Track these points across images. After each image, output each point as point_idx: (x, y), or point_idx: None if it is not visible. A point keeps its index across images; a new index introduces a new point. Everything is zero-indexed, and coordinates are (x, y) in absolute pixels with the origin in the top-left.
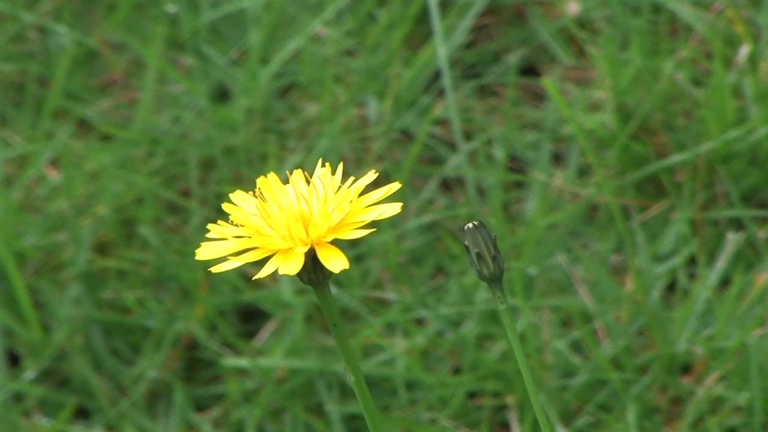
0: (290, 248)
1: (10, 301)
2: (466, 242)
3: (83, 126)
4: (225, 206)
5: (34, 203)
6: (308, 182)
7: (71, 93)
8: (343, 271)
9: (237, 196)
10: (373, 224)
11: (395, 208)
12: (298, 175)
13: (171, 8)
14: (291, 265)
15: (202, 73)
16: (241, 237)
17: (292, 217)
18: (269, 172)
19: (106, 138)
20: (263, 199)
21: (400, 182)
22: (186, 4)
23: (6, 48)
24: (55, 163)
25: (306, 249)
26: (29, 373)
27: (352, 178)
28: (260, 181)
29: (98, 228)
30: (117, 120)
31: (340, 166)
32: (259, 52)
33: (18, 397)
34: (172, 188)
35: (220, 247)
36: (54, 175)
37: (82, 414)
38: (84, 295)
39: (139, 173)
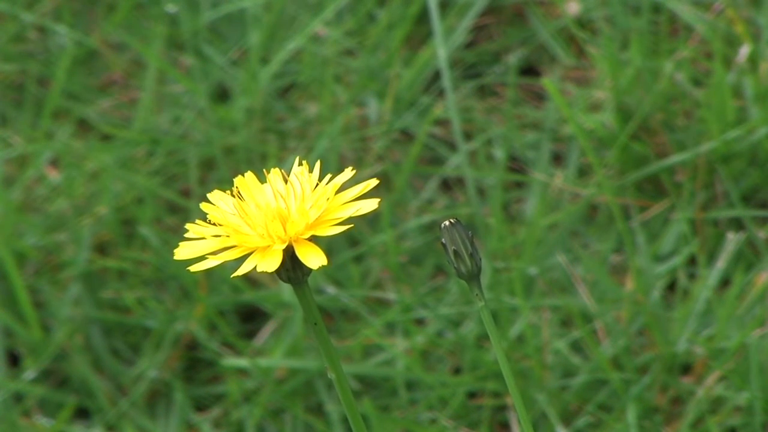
0: (268, 246)
1: (11, 301)
2: (443, 240)
3: (83, 126)
4: (203, 206)
5: (35, 203)
6: (286, 181)
7: (71, 93)
8: (321, 268)
9: (215, 195)
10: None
11: (372, 204)
12: (275, 174)
13: (171, 8)
14: (269, 263)
15: (202, 73)
16: (220, 236)
17: (269, 215)
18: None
19: (106, 138)
20: (241, 197)
21: (377, 179)
22: (186, 4)
23: (6, 48)
24: (55, 163)
25: (284, 246)
26: (29, 372)
27: (329, 176)
28: (238, 180)
29: (98, 228)
30: (117, 120)
31: (317, 165)
32: (259, 52)
33: (18, 397)
34: (172, 188)
35: (198, 247)
36: (54, 175)
37: (82, 414)
38: (84, 294)
39: (139, 173)
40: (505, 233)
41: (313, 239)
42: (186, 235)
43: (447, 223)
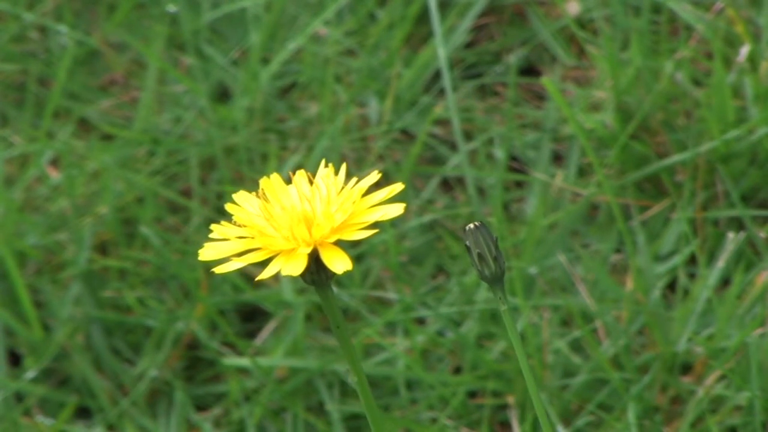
0: (293, 249)
1: (11, 301)
2: (467, 243)
3: (84, 125)
4: (228, 206)
5: (35, 203)
6: (311, 182)
7: (72, 93)
8: (346, 272)
9: (240, 196)
10: (374, 224)
11: (398, 209)
12: (300, 176)
13: (172, 8)
14: (294, 266)
15: (203, 73)
16: (244, 237)
17: (295, 218)
18: (270, 172)
19: (106, 137)
20: (266, 199)
21: (402, 183)
22: (186, 3)
23: (7, 48)
24: (56, 162)
25: (309, 250)
26: (30, 372)
27: (354, 179)
28: (263, 182)
29: (99, 227)
30: (118, 120)
31: (343, 167)
32: (260, 52)
33: (19, 397)
34: (173, 188)
35: (222, 248)
36: (55, 175)
37: (83, 413)
38: (85, 294)
39: (140, 173)
40: (506, 233)
41: (338, 243)
42: (210, 236)
43: (471, 226)
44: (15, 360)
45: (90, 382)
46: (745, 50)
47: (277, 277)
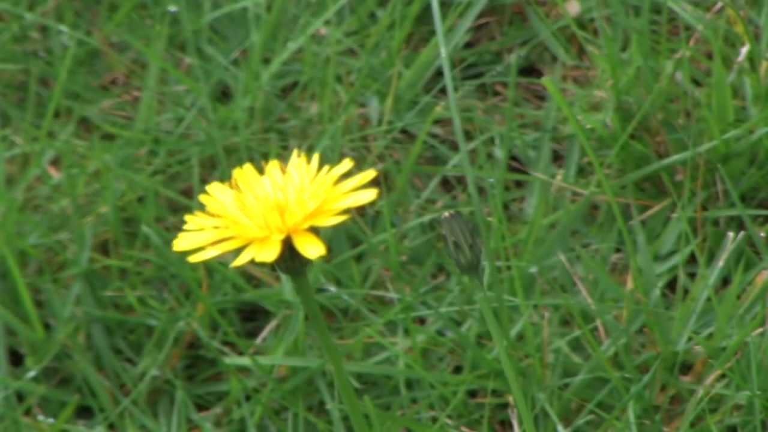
0: (267, 236)
1: (12, 300)
2: (443, 232)
3: (85, 125)
4: (201, 197)
5: (36, 202)
6: (284, 172)
7: (73, 92)
8: (320, 258)
9: (213, 187)
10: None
11: (370, 194)
12: (273, 166)
13: (172, 8)
14: (268, 253)
15: (204, 73)
16: (219, 227)
17: (268, 206)
18: None
19: (107, 137)
20: (239, 189)
21: (375, 171)
22: (187, 3)
23: (8, 47)
24: (56, 162)
25: (282, 237)
26: (31, 371)
27: (327, 167)
28: (236, 172)
29: (100, 227)
30: (119, 119)
31: (316, 156)
32: (261, 52)
33: (20, 396)
34: (174, 187)
35: (197, 238)
36: (56, 175)
37: (84, 412)
38: (86, 293)
39: (141, 172)
40: (506, 232)
41: (313, 230)
42: (185, 227)
43: (446, 214)
44: (16, 359)
45: (91, 382)
46: (745, 50)
47: (277, 276)
